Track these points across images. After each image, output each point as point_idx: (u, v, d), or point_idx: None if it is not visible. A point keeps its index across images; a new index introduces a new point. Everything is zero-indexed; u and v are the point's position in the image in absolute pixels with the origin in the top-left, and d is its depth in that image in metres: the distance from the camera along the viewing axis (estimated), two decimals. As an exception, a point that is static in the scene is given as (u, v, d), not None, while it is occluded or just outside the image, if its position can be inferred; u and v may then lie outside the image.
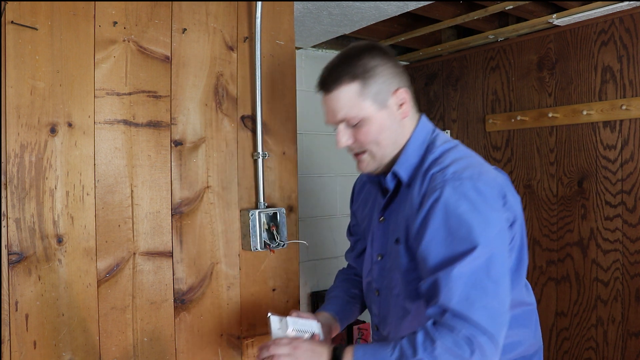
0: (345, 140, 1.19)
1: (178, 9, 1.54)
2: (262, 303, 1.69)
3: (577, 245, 2.47)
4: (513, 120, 2.70)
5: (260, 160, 1.65)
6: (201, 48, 1.58)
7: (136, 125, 1.47)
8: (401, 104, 1.19)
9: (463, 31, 2.84)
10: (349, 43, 2.93)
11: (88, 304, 1.39)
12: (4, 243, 1.28)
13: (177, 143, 1.54)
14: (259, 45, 1.64)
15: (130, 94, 1.46)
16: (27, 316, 1.31)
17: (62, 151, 1.36)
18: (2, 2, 1.26)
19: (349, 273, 1.53)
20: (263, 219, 1.63)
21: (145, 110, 1.49)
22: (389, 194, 1.23)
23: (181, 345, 1.54)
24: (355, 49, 1.19)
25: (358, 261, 1.50)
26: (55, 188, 1.35)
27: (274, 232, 1.64)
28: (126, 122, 1.45)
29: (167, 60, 1.52)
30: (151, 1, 1.49)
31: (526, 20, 2.47)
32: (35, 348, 1.32)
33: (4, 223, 1.28)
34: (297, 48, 2.80)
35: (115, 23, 1.43)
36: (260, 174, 1.65)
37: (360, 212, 1.44)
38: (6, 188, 1.28)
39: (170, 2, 1.52)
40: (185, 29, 1.55)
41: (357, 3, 2.06)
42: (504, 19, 2.61)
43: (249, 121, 1.67)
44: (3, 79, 1.28)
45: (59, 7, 1.35)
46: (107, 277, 1.42)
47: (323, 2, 2.04)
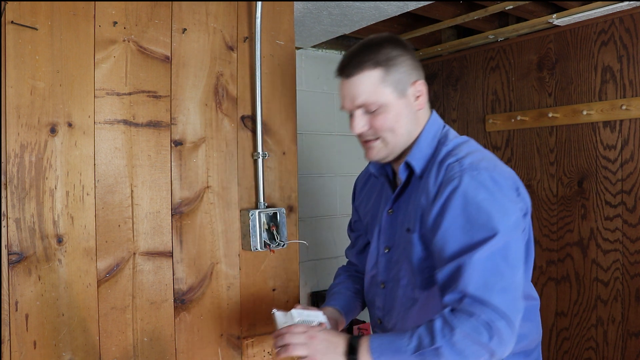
0: (361, 126, 1.20)
1: (178, 9, 1.54)
2: (262, 303, 1.69)
3: (577, 245, 2.47)
4: (513, 120, 2.70)
5: (260, 160, 1.65)
6: (201, 48, 1.58)
7: (136, 125, 1.47)
8: (418, 96, 1.21)
9: (463, 31, 2.84)
10: (349, 43, 2.96)
11: (88, 304, 1.39)
12: (4, 243, 1.28)
13: (177, 143, 1.54)
14: (259, 45, 1.64)
15: (130, 94, 1.46)
16: (27, 316, 1.31)
17: (62, 151, 1.36)
18: (2, 2, 1.26)
19: (350, 270, 1.54)
20: (263, 219, 1.63)
21: (145, 110, 1.49)
22: (401, 185, 1.25)
23: (181, 345, 1.54)
24: (378, 38, 1.21)
25: (360, 257, 1.50)
26: (55, 188, 1.35)
27: (274, 232, 1.64)
28: (126, 122, 1.45)
29: (167, 60, 1.52)
30: (151, 1, 1.49)
31: (526, 20, 2.47)
32: (35, 348, 1.32)
33: (4, 223, 1.28)
34: (297, 48, 2.80)
35: (115, 23, 1.43)
36: (260, 174, 1.65)
37: (364, 207, 1.44)
38: (6, 188, 1.28)
39: (170, 2, 1.52)
40: (185, 29, 1.55)
41: (357, 3, 2.06)
42: (504, 19, 2.61)
43: (249, 121, 1.67)
44: (3, 79, 1.28)
45: (59, 7, 1.35)
46: (107, 277, 1.42)
47: (323, 2, 2.04)
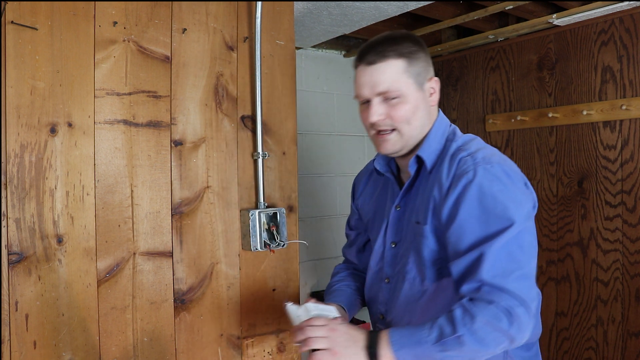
0: (379, 114, 1.21)
1: (178, 9, 1.54)
2: (262, 303, 1.69)
3: (577, 245, 2.47)
4: (513, 120, 2.70)
5: (260, 160, 1.65)
6: (201, 48, 1.58)
7: (136, 125, 1.47)
8: (432, 92, 1.25)
9: (463, 31, 2.84)
10: (349, 43, 2.96)
11: (88, 304, 1.39)
12: (4, 243, 1.28)
13: (177, 143, 1.54)
14: (259, 45, 1.64)
15: (130, 94, 1.46)
16: (27, 316, 1.31)
17: (62, 151, 1.36)
18: (2, 2, 1.26)
19: (348, 267, 1.54)
20: (263, 219, 1.63)
21: (145, 110, 1.49)
22: (410, 179, 1.26)
23: (181, 345, 1.54)
24: (398, 33, 1.24)
25: (360, 255, 1.51)
26: (55, 188, 1.35)
27: (274, 232, 1.64)
28: (126, 122, 1.45)
29: (167, 60, 1.52)
30: (151, 1, 1.49)
31: (526, 20, 2.47)
32: (35, 348, 1.32)
33: (4, 223, 1.28)
34: (297, 48, 2.80)
35: (115, 23, 1.43)
36: (260, 174, 1.65)
37: (366, 206, 1.45)
38: (6, 188, 1.28)
39: (170, 2, 1.52)
40: (185, 29, 1.55)
41: (357, 3, 2.06)
42: (504, 19, 2.61)
43: (249, 121, 1.67)
44: (3, 79, 1.28)
45: (59, 7, 1.35)
46: (107, 277, 1.42)
47: (323, 2, 2.04)
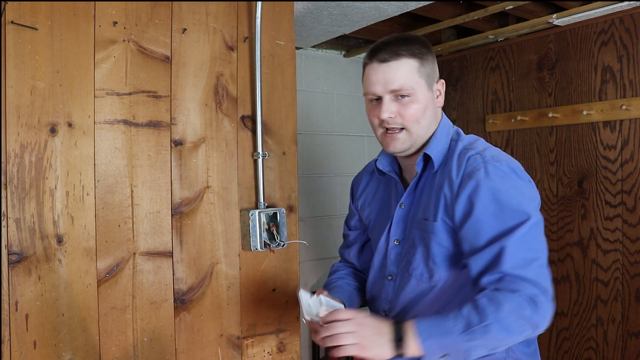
0: (390, 112, 1.22)
1: (178, 9, 1.54)
2: (262, 303, 1.68)
3: (577, 245, 2.47)
4: (513, 120, 2.70)
5: (260, 160, 1.65)
6: (201, 48, 1.58)
7: (136, 125, 1.47)
8: (438, 94, 1.29)
9: (463, 31, 2.84)
10: (349, 43, 2.96)
11: (88, 304, 1.39)
12: (4, 243, 1.28)
13: (177, 143, 1.54)
14: (259, 45, 1.64)
15: (130, 94, 1.46)
16: (27, 316, 1.31)
17: (62, 151, 1.36)
18: (2, 2, 1.26)
19: (348, 267, 1.54)
20: (263, 219, 1.63)
21: (145, 110, 1.49)
22: (417, 178, 1.28)
23: (181, 345, 1.54)
24: (408, 35, 1.27)
25: (360, 256, 1.51)
26: (55, 188, 1.35)
27: (274, 232, 1.64)
28: (126, 122, 1.45)
29: (167, 60, 1.52)
30: (151, 1, 1.49)
31: (526, 20, 2.47)
32: (35, 348, 1.32)
33: (4, 223, 1.28)
34: (297, 48, 2.80)
35: (115, 23, 1.43)
36: (260, 174, 1.65)
37: (367, 206, 1.45)
38: (6, 188, 1.28)
39: (170, 2, 1.52)
40: (185, 29, 1.55)
41: (357, 3, 2.06)
42: (504, 19, 2.61)
43: (249, 121, 1.67)
44: (3, 79, 1.28)
45: (59, 7, 1.35)
46: (107, 277, 1.42)
47: (323, 2, 2.04)
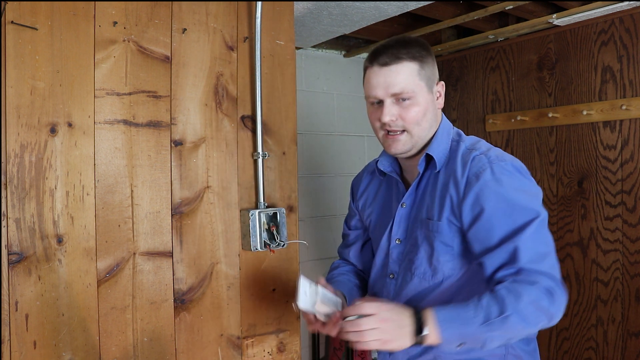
0: (392, 115, 1.23)
1: (178, 9, 1.54)
2: (262, 303, 1.69)
3: (577, 245, 2.47)
4: (513, 120, 2.70)
5: (260, 160, 1.65)
6: (201, 48, 1.58)
7: (136, 125, 1.47)
8: (438, 96, 1.30)
9: (463, 31, 2.84)
10: (349, 43, 2.96)
11: (88, 304, 1.39)
12: (4, 243, 1.28)
13: (177, 143, 1.54)
14: (259, 45, 1.64)
15: (130, 94, 1.46)
16: (27, 316, 1.31)
17: (62, 151, 1.36)
18: (2, 2, 1.26)
19: (348, 264, 1.54)
20: (263, 219, 1.63)
21: (145, 110, 1.49)
22: (419, 178, 1.29)
23: (181, 345, 1.54)
24: (408, 38, 1.27)
25: (361, 255, 1.52)
26: (55, 188, 1.35)
27: (274, 232, 1.64)
28: (126, 122, 1.45)
29: (167, 60, 1.52)
30: (151, 1, 1.49)
31: (526, 20, 2.47)
32: (35, 348, 1.32)
33: (4, 223, 1.28)
34: (297, 48, 2.80)
35: (115, 23, 1.43)
36: (260, 174, 1.65)
37: (368, 206, 1.46)
38: (6, 188, 1.28)
39: (170, 2, 1.52)
40: (185, 29, 1.55)
41: (357, 3, 2.06)
42: (504, 19, 2.61)
43: (249, 121, 1.67)
44: (3, 79, 1.28)
45: (59, 7, 1.35)
46: (107, 277, 1.42)
47: (323, 2, 2.04)
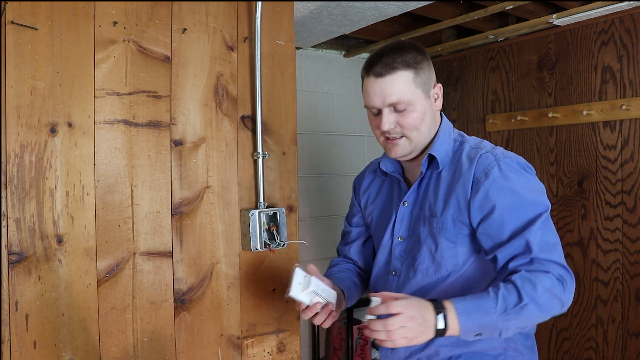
0: (390, 123, 1.25)
1: (178, 9, 1.54)
2: (262, 303, 1.69)
3: (577, 245, 2.47)
4: (513, 120, 2.70)
5: (260, 160, 1.65)
6: (201, 48, 1.58)
7: (136, 125, 1.47)
8: (436, 98, 1.31)
9: (463, 31, 2.84)
10: (349, 43, 2.96)
11: (88, 304, 1.39)
12: (4, 243, 1.28)
13: (177, 143, 1.54)
14: (259, 45, 1.64)
15: (130, 94, 1.46)
16: (27, 316, 1.31)
17: (62, 151, 1.36)
18: (2, 2, 1.26)
19: (347, 262, 1.55)
20: (263, 219, 1.63)
21: (145, 110, 1.49)
22: (421, 177, 1.31)
23: (181, 345, 1.54)
24: (402, 43, 1.28)
25: (362, 252, 1.53)
26: (55, 188, 1.35)
27: (274, 232, 1.64)
28: (126, 122, 1.45)
29: (167, 60, 1.52)
30: (151, 1, 1.49)
31: (526, 20, 2.47)
32: (35, 348, 1.32)
33: (4, 223, 1.28)
34: (297, 48, 2.80)
35: (115, 23, 1.43)
36: (260, 174, 1.65)
37: (370, 204, 1.47)
38: (6, 188, 1.28)
39: (170, 2, 1.52)
40: (185, 29, 1.55)
41: (357, 3, 2.06)
42: (504, 19, 2.61)
43: (249, 121, 1.67)
44: (3, 79, 1.28)
45: (59, 7, 1.35)
46: (107, 277, 1.42)
47: (323, 2, 2.04)
